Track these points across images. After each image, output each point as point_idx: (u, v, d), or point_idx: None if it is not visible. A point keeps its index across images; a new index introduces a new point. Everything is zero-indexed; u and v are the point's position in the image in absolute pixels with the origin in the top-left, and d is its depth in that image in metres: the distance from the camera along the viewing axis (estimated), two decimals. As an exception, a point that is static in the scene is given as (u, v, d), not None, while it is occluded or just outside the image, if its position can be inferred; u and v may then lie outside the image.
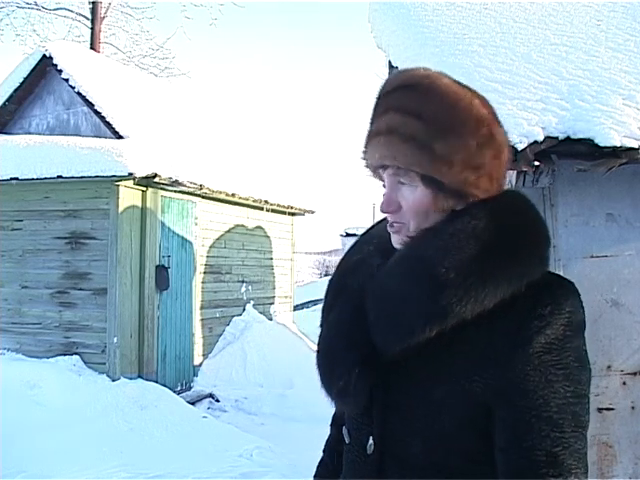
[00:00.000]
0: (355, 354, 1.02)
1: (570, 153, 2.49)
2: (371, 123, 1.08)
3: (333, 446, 1.31)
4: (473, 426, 0.96)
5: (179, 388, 7.43)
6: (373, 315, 1.02)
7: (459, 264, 0.95)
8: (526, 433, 0.91)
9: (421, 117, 1.01)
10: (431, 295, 0.96)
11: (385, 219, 1.17)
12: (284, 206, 9.99)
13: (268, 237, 10.06)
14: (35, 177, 6.73)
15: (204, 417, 6.23)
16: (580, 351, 0.96)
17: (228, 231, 8.87)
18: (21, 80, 7.85)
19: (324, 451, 1.36)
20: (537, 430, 0.91)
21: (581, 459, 0.91)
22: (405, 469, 1.01)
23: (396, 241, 1.08)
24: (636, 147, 2.39)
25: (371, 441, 1.04)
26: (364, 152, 1.10)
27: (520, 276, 0.96)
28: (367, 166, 1.11)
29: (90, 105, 7.50)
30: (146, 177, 6.65)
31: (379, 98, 1.08)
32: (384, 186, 1.09)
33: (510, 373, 0.93)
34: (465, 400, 0.95)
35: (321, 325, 1.16)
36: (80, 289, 6.87)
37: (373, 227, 1.26)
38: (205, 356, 8.20)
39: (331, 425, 1.35)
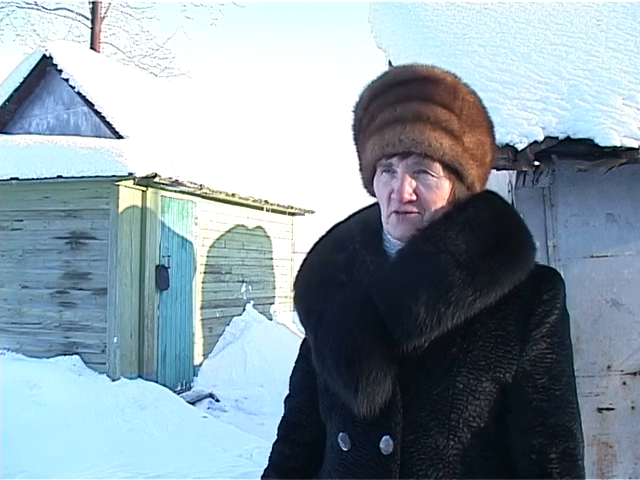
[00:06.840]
0: (378, 350, 0.98)
1: (570, 153, 2.48)
2: (379, 111, 1.04)
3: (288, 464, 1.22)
4: (493, 410, 1.00)
5: (179, 388, 7.42)
6: (390, 310, 0.99)
7: (478, 255, 0.99)
8: (548, 411, 0.98)
9: (452, 110, 1.02)
10: (455, 286, 0.96)
11: (354, 215, 1.20)
12: (284, 206, 9.99)
13: (268, 237, 10.06)
14: (35, 177, 6.73)
15: (204, 417, 6.23)
16: (570, 330, 1.06)
17: (228, 231, 8.87)
18: (21, 80, 7.83)
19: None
20: (555, 407, 0.99)
21: (581, 428, 1.02)
22: (429, 465, 0.97)
23: (402, 231, 1.04)
24: (636, 147, 2.38)
25: (390, 440, 0.99)
26: (370, 140, 1.05)
27: (527, 264, 1.02)
28: (370, 154, 1.06)
29: (90, 105, 7.50)
30: (146, 177, 6.65)
31: (388, 88, 1.05)
32: (385, 174, 1.05)
33: (526, 356, 0.99)
34: (488, 385, 0.98)
35: (313, 325, 1.09)
36: (80, 289, 6.87)
37: (338, 225, 1.21)
38: (205, 356, 8.20)
39: (282, 440, 1.25)
